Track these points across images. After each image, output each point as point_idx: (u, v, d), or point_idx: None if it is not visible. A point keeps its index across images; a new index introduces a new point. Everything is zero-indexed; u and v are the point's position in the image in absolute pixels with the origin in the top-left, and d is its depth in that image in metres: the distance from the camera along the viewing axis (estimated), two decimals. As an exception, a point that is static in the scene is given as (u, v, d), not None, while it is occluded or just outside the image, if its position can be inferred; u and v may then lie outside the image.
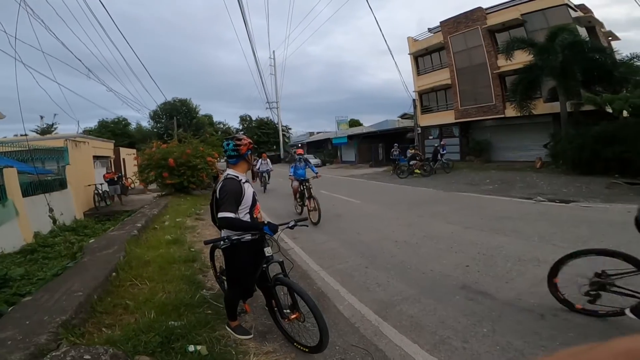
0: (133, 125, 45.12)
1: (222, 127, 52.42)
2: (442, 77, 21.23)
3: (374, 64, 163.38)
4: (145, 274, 3.77)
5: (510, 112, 17.15)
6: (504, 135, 19.10)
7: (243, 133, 42.83)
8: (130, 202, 13.73)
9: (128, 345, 2.31)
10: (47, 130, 31.65)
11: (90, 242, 5.69)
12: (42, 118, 33.10)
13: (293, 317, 2.53)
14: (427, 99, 23.75)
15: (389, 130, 27.31)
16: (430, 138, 22.79)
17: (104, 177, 13.77)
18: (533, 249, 4.51)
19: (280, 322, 2.74)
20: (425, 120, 23.13)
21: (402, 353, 2.52)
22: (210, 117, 51.48)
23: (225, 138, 2.74)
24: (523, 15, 17.03)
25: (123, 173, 18.47)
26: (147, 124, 45.32)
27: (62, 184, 10.86)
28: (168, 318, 2.75)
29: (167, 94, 53.33)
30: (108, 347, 2.17)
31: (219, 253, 3.33)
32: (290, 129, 53.23)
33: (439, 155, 16.29)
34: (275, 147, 45.15)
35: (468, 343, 2.56)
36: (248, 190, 2.57)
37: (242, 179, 2.57)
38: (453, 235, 5.47)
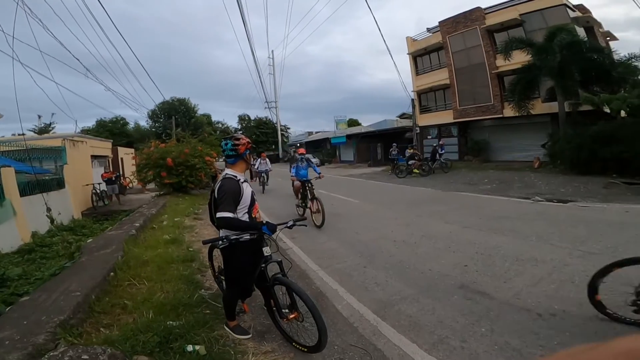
0: (131, 125, 45.08)
1: (220, 126, 52.39)
2: (440, 77, 21.26)
3: (373, 64, 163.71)
4: (144, 274, 3.77)
5: (509, 112, 17.19)
6: (502, 135, 19.15)
7: (242, 133, 42.71)
8: (128, 201, 13.70)
9: (126, 345, 2.31)
10: (44, 130, 31.57)
11: (88, 241, 5.67)
12: (39, 117, 33.03)
13: (292, 316, 2.53)
14: (425, 99, 23.79)
15: (388, 130, 27.38)
16: (429, 138, 22.83)
17: (102, 176, 13.73)
18: (531, 249, 4.53)
19: (279, 321, 2.74)
20: (424, 120, 23.17)
21: (400, 352, 2.52)
22: (209, 116, 51.45)
23: (224, 138, 2.73)
24: (522, 15, 17.07)
25: (121, 172, 18.42)
26: (145, 124, 45.32)
27: (59, 184, 10.82)
28: (166, 318, 2.75)
29: (165, 94, 53.26)
30: (106, 347, 2.16)
31: (218, 253, 3.32)
32: (289, 129, 53.27)
33: (438, 155, 16.32)
34: (274, 146, 45.13)
35: (466, 342, 2.57)
36: (246, 190, 2.57)
37: (240, 179, 2.57)
38: (451, 235, 5.48)
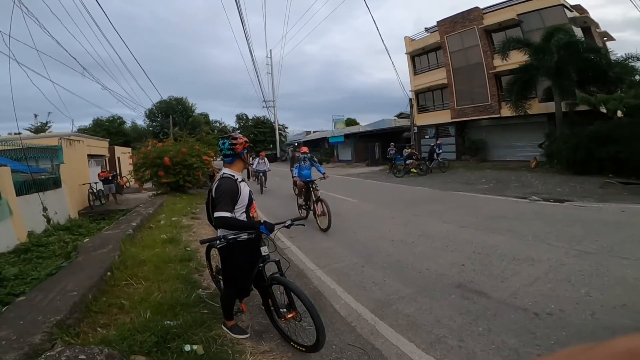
0: (128, 124, 44.76)
1: (218, 125, 52.23)
2: (438, 76, 21.31)
3: (371, 64, 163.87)
4: (141, 274, 3.75)
5: (506, 111, 17.25)
6: (500, 135, 19.23)
7: (239, 132, 42.55)
8: (126, 201, 13.63)
9: (123, 345, 2.30)
10: (41, 129, 31.38)
11: (85, 241, 5.65)
12: (36, 116, 32.86)
13: (290, 316, 2.53)
14: (423, 99, 23.84)
15: (386, 130, 27.38)
16: (427, 137, 22.88)
17: (99, 175, 13.65)
18: (528, 248, 4.55)
19: (277, 321, 2.74)
20: (422, 120, 23.21)
21: (398, 352, 2.53)
22: (207, 115, 51.23)
23: (221, 137, 2.73)
24: (519, 16, 17.12)
25: (118, 172, 18.34)
26: (142, 123, 45.03)
27: (56, 183, 10.76)
28: (164, 317, 2.74)
29: (163, 93, 53.18)
30: (103, 347, 2.15)
31: (215, 252, 3.32)
32: (287, 128, 53.16)
33: (435, 155, 16.34)
34: (272, 146, 45.06)
35: (464, 342, 2.57)
36: (244, 190, 2.56)
37: (238, 178, 2.57)
38: (449, 234, 5.50)
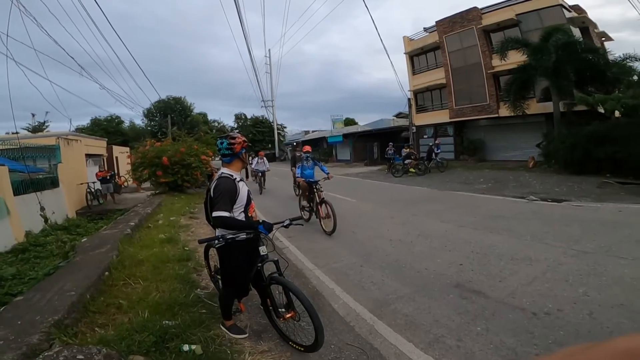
0: (126, 123, 44.73)
1: (216, 125, 52.24)
2: (437, 76, 21.34)
3: (370, 63, 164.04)
4: (139, 273, 3.74)
5: (504, 111, 17.30)
6: (498, 135, 19.27)
7: (238, 131, 42.61)
8: (124, 200, 13.59)
9: (122, 345, 2.30)
10: (38, 128, 31.29)
11: (83, 241, 5.64)
12: (33, 116, 32.75)
13: (288, 316, 2.53)
14: (422, 98, 23.86)
15: (384, 129, 27.38)
16: (425, 137, 22.90)
17: (97, 175, 13.59)
18: (526, 248, 4.56)
19: (276, 321, 2.74)
20: (420, 120, 23.23)
21: (397, 351, 2.53)
22: (205, 115, 51.29)
23: (220, 136, 2.72)
24: (518, 16, 17.15)
25: (116, 171, 18.26)
26: (140, 122, 45.06)
27: (53, 183, 10.71)
28: (162, 317, 2.73)
29: (161, 92, 52.98)
30: (101, 347, 2.15)
31: (214, 252, 3.31)
32: (286, 128, 53.11)
33: (434, 154, 16.35)
34: (270, 145, 45.04)
35: (462, 341, 2.58)
36: (242, 189, 2.56)
37: (236, 178, 2.56)
38: (447, 234, 5.51)
